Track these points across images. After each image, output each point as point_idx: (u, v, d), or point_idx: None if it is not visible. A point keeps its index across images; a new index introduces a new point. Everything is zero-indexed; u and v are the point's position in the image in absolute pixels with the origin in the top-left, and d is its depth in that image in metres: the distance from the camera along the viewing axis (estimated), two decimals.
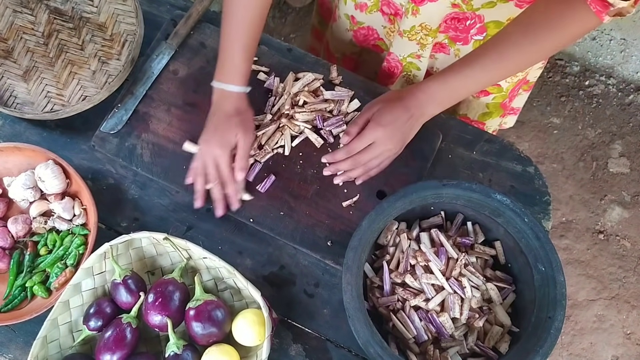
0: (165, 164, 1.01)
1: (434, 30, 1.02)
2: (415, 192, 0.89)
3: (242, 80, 0.95)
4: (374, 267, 0.93)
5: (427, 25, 1.01)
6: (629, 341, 1.85)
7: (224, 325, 0.87)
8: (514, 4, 0.93)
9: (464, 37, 1.03)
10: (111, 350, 0.84)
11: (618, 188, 2.00)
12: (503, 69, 0.87)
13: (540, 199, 1.03)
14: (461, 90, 0.90)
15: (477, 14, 0.97)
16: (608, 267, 1.92)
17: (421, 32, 1.03)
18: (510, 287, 0.91)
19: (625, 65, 2.07)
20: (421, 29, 1.02)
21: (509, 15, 0.96)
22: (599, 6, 0.75)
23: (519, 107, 1.31)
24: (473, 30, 1.00)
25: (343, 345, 0.95)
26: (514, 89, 1.16)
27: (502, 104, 1.19)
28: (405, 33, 1.04)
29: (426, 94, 0.90)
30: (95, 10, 1.07)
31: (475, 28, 1.00)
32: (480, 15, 0.97)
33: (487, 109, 1.20)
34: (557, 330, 0.81)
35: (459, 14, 0.98)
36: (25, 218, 0.97)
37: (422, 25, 1.01)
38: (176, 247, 0.90)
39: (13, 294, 0.93)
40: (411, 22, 1.01)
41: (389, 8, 1.06)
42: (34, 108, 1.01)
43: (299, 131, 1.02)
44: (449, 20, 1.00)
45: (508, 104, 1.20)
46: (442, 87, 0.89)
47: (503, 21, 0.98)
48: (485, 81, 0.90)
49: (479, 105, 1.20)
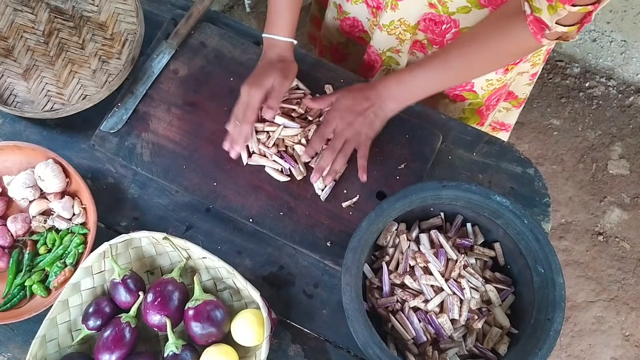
0: (165, 164, 1.01)
1: (412, 26, 1.03)
2: (415, 193, 0.89)
3: (288, 32, 1.00)
4: (373, 268, 0.93)
5: (405, 21, 1.02)
6: (627, 343, 1.85)
7: (223, 325, 0.86)
8: (489, 11, 0.94)
9: (439, 41, 1.04)
10: (110, 349, 0.84)
11: (618, 190, 2.00)
12: (450, 75, 0.93)
13: (540, 200, 1.03)
14: (417, 90, 0.95)
15: (453, 19, 0.98)
16: (607, 269, 1.92)
17: (400, 27, 1.04)
18: (510, 289, 0.91)
19: (625, 67, 2.07)
20: (400, 24, 1.03)
21: None
22: (535, 27, 0.77)
23: (510, 124, 1.32)
24: (449, 34, 1.01)
25: (342, 345, 0.95)
26: (490, 98, 1.16)
27: (479, 110, 1.19)
28: (385, 27, 1.06)
29: (386, 88, 0.95)
30: (96, 9, 1.07)
31: (450, 33, 1.01)
32: (456, 20, 0.98)
33: (463, 114, 1.22)
34: (556, 332, 0.81)
35: (435, 16, 0.99)
36: (24, 217, 0.97)
37: (401, 21, 1.03)
38: (175, 246, 0.90)
39: (12, 292, 0.93)
40: (390, 17, 1.03)
41: (372, 0, 1.06)
42: (34, 107, 1.01)
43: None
44: (427, 20, 1.01)
45: (485, 112, 1.20)
46: (398, 85, 0.95)
47: None
48: (435, 84, 0.95)
49: (455, 109, 1.21)
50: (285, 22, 1.00)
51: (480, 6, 0.93)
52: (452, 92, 1.17)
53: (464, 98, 1.17)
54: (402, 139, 1.02)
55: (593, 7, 0.72)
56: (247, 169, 1.00)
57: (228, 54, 1.07)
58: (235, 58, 1.07)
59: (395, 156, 1.01)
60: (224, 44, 1.08)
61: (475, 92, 1.14)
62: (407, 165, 1.01)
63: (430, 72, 0.92)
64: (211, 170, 1.00)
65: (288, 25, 1.00)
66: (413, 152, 1.02)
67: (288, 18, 1.00)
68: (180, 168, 1.00)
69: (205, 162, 1.00)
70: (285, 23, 1.00)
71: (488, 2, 0.92)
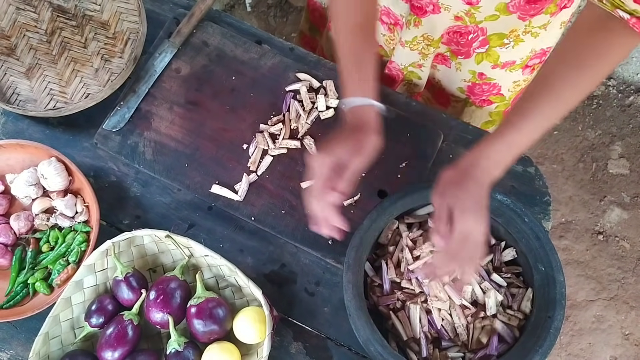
0: (167, 162, 1.01)
1: (436, 40, 1.01)
2: (416, 191, 0.89)
3: (376, 95, 0.84)
4: (375, 266, 0.93)
5: (429, 36, 1.01)
6: (627, 342, 1.86)
7: (225, 323, 0.87)
8: (517, 17, 0.93)
9: (465, 51, 1.03)
10: (113, 347, 0.85)
11: (618, 189, 2.00)
12: (561, 109, 0.80)
13: (541, 199, 1.03)
14: (524, 145, 0.80)
15: (480, 27, 0.96)
16: (607, 268, 1.92)
17: (423, 42, 1.03)
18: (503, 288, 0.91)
19: (625, 66, 2.07)
20: (423, 39, 1.02)
21: (512, 27, 0.95)
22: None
23: None
24: (475, 43, 1.00)
25: (343, 343, 0.95)
26: (517, 98, 1.16)
27: (505, 112, 1.19)
28: (407, 43, 1.04)
29: (491, 159, 0.79)
30: (98, 8, 1.07)
31: (477, 41, 0.99)
32: (483, 28, 0.96)
33: (489, 118, 1.20)
34: (557, 329, 0.82)
35: (461, 28, 0.97)
36: (27, 215, 0.97)
37: (424, 36, 1.01)
38: (178, 244, 0.90)
39: (15, 290, 0.93)
40: (413, 33, 1.01)
41: (388, 17, 1.06)
42: (37, 105, 1.02)
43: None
44: (451, 33, 0.99)
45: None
46: (505, 148, 0.80)
47: (506, 32, 0.97)
48: (546, 126, 0.80)
49: (482, 113, 1.20)
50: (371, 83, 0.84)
51: (508, 13, 0.91)
52: (479, 98, 1.14)
53: (490, 102, 1.15)
54: (403, 138, 1.03)
55: None
56: (249, 167, 1.01)
57: (230, 53, 1.07)
58: (237, 57, 1.07)
59: (396, 155, 1.02)
60: (225, 43, 1.08)
61: (502, 95, 1.13)
62: (409, 164, 1.01)
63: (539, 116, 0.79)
64: (213, 168, 1.01)
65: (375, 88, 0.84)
66: (414, 151, 1.02)
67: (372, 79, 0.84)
68: (182, 166, 1.01)
69: (207, 161, 1.01)
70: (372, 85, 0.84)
71: (517, 8, 0.90)
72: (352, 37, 0.86)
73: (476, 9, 0.91)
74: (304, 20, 1.34)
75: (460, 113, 1.19)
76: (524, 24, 0.94)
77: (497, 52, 1.01)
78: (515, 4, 0.89)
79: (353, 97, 0.83)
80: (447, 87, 1.16)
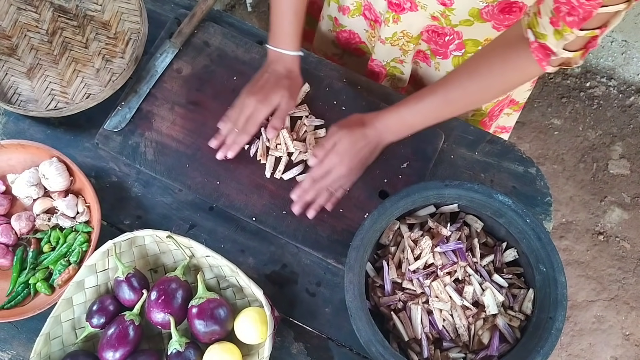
0: (169, 162, 1.01)
1: (415, 37, 1.03)
2: (417, 192, 0.89)
3: (295, 44, 0.99)
4: (376, 266, 0.93)
5: (408, 33, 1.02)
6: (627, 342, 1.86)
7: (226, 323, 0.87)
8: (492, 25, 0.94)
9: (443, 52, 1.04)
10: (114, 347, 0.85)
11: (618, 189, 2.00)
12: (450, 108, 0.91)
13: (542, 200, 1.03)
14: (414, 123, 0.94)
15: (456, 30, 0.97)
16: (607, 269, 1.92)
17: (403, 39, 1.04)
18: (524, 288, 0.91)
19: (626, 67, 2.07)
20: (402, 35, 1.03)
21: (487, 35, 0.97)
22: (540, 54, 0.75)
23: (510, 126, 1.31)
24: (452, 46, 1.01)
25: (344, 344, 0.95)
26: (494, 109, 1.17)
27: (482, 122, 1.19)
28: (387, 40, 1.05)
29: (383, 124, 0.94)
30: (100, 8, 1.07)
31: (454, 44, 1.01)
32: (459, 32, 0.98)
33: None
34: (558, 330, 0.82)
35: (438, 28, 0.99)
36: (28, 215, 0.97)
37: (403, 32, 1.02)
38: (179, 245, 0.90)
39: (16, 290, 0.93)
40: (392, 30, 1.02)
41: (370, 13, 1.07)
42: (38, 105, 1.02)
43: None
44: (430, 32, 1.01)
45: (488, 122, 1.20)
46: (396, 119, 0.93)
47: (481, 40, 0.98)
48: (434, 117, 0.93)
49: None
50: (292, 33, 0.98)
51: (482, 20, 0.93)
52: None
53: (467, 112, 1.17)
54: (404, 138, 1.02)
55: (600, 31, 0.71)
56: (250, 167, 1.01)
57: (231, 53, 1.07)
58: (239, 57, 1.07)
59: (397, 155, 1.02)
60: (227, 44, 1.08)
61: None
62: (410, 164, 1.01)
63: (429, 104, 0.90)
64: (214, 169, 1.01)
65: (295, 37, 0.98)
66: (415, 151, 1.02)
67: (295, 29, 0.98)
68: (183, 167, 1.01)
69: (208, 161, 1.01)
70: (291, 34, 0.98)
71: (490, 16, 0.91)
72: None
73: (450, 10, 0.91)
74: None
75: None
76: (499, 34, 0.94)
77: None
78: (488, 11, 0.90)
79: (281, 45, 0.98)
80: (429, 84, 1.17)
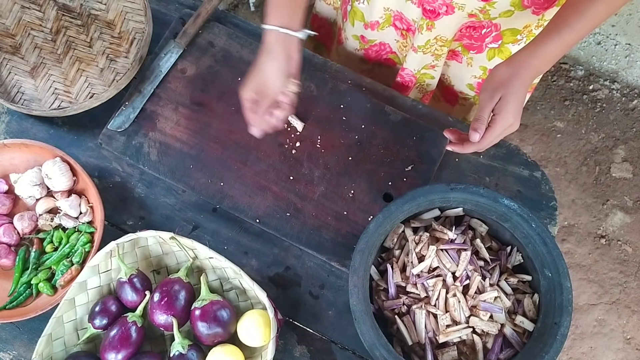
0: (172, 163, 1.00)
1: (449, 40, 1.01)
2: (422, 195, 0.89)
3: (298, 24, 0.86)
4: (380, 270, 0.93)
5: (442, 37, 1.00)
6: (629, 346, 1.86)
7: (229, 326, 0.87)
8: (531, 11, 0.93)
9: (478, 46, 1.03)
10: (116, 348, 0.84)
11: (620, 193, 2.00)
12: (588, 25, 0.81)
13: (547, 204, 1.03)
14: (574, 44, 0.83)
15: (494, 23, 0.96)
16: (609, 272, 1.92)
17: (436, 44, 1.02)
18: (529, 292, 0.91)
19: (629, 70, 2.06)
20: (436, 41, 1.01)
21: (525, 22, 0.96)
22: None
23: None
24: (488, 38, 1.00)
25: (348, 347, 0.95)
26: None
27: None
28: (420, 48, 1.04)
29: (543, 59, 0.82)
30: (104, 7, 1.06)
31: (490, 36, 0.99)
32: (497, 24, 0.96)
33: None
34: (563, 336, 0.81)
35: (474, 23, 0.97)
36: (31, 215, 0.96)
37: (437, 38, 1.01)
38: (182, 246, 0.90)
39: (18, 290, 0.93)
40: (426, 37, 1.01)
41: (401, 23, 1.05)
42: (41, 105, 1.01)
43: None
44: (464, 29, 0.99)
45: None
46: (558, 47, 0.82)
47: (519, 28, 0.97)
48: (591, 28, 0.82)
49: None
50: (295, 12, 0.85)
51: (523, 7, 0.91)
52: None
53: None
54: (409, 141, 1.02)
55: None
56: (254, 169, 1.00)
57: (236, 54, 1.07)
58: (243, 58, 1.07)
59: (402, 158, 1.01)
60: (231, 44, 1.07)
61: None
62: (414, 167, 1.01)
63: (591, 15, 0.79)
64: (218, 170, 1.00)
65: (298, 17, 0.86)
66: (420, 154, 1.01)
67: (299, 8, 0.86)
68: (187, 167, 1.00)
69: (212, 162, 1.00)
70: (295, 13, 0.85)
71: (531, 2, 0.90)
72: None
73: (491, 5, 0.90)
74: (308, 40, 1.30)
75: (468, 111, 1.19)
76: (537, 19, 0.94)
77: (509, 49, 1.01)
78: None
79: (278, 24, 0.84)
80: (456, 84, 1.16)
